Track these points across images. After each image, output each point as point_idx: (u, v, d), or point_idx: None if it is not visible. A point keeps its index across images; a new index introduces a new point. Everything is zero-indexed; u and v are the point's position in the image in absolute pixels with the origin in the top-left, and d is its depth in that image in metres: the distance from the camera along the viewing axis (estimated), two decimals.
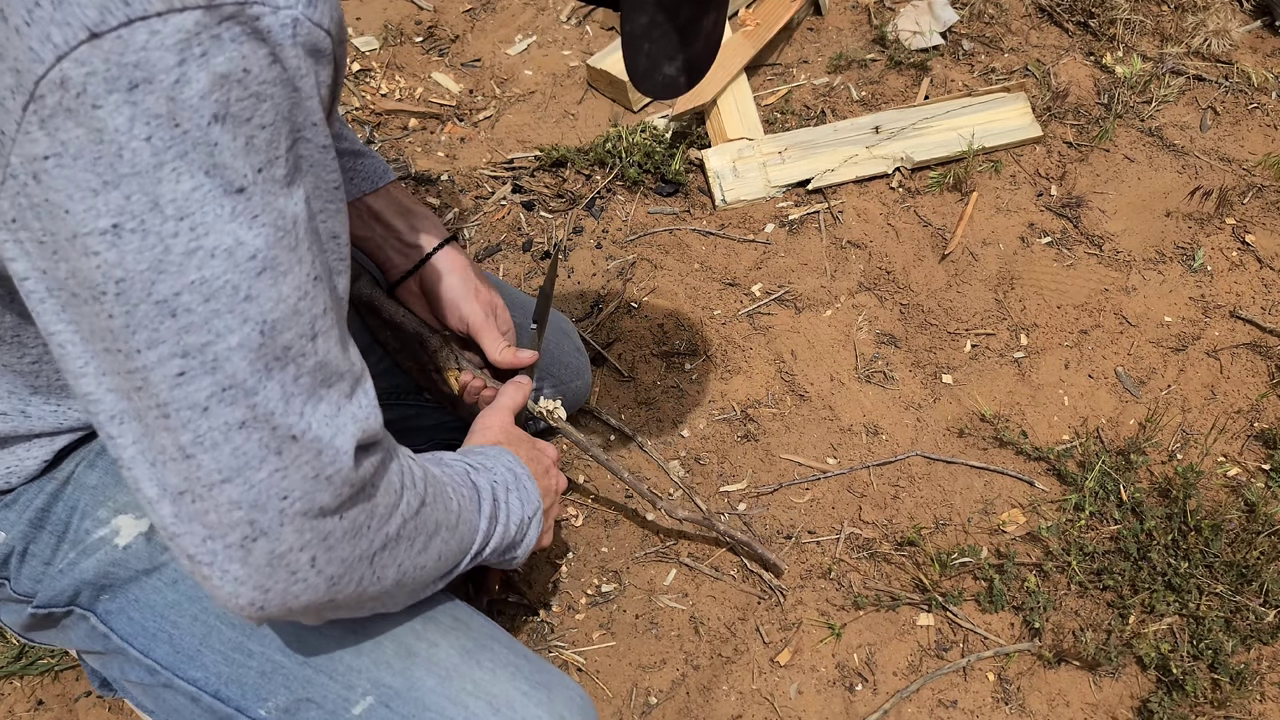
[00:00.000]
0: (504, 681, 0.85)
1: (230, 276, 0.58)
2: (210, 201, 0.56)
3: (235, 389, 0.59)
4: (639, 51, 0.81)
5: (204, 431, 0.60)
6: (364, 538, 0.68)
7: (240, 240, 0.57)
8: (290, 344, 0.61)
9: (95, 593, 0.85)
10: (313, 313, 0.62)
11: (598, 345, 1.59)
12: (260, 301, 0.59)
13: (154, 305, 0.57)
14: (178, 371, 0.58)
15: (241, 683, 0.82)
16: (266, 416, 0.61)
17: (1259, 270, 1.64)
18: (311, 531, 0.64)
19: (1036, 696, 1.27)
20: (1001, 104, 1.83)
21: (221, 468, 0.60)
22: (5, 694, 1.33)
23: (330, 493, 0.64)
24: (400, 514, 0.72)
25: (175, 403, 0.59)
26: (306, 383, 0.62)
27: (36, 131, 0.53)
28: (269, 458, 0.61)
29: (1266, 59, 1.94)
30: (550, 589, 1.37)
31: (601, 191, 1.79)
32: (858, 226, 1.72)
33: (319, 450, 0.63)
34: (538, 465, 0.98)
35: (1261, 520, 1.34)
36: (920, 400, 1.53)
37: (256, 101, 0.56)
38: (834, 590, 1.36)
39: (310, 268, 0.62)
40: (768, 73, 1.97)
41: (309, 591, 0.66)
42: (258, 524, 0.62)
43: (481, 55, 2.03)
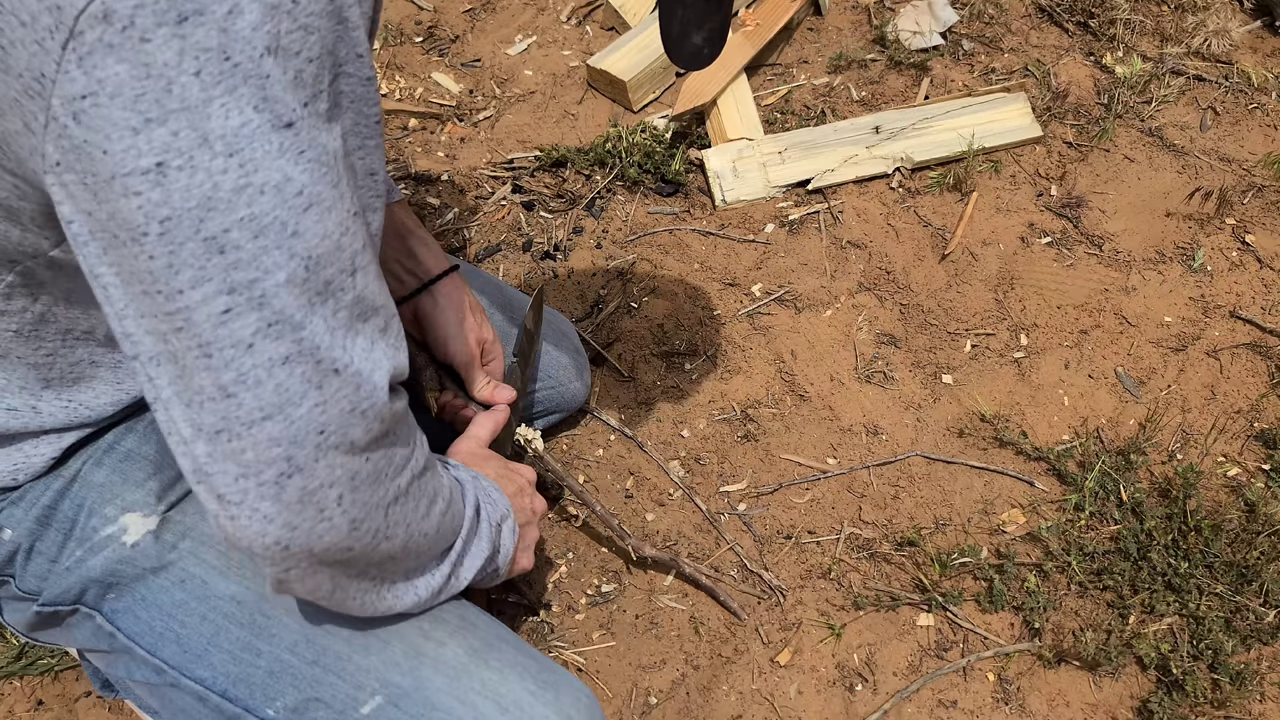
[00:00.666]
0: (512, 681, 0.85)
1: (279, 213, 0.57)
2: (259, 137, 0.55)
3: (281, 324, 0.59)
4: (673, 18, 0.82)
5: (248, 369, 0.59)
6: (382, 485, 0.69)
7: (289, 176, 0.57)
8: (332, 279, 0.61)
9: (102, 591, 0.85)
10: (353, 248, 0.63)
11: (598, 345, 1.59)
12: (307, 237, 0.59)
13: (201, 243, 0.56)
14: (224, 309, 0.58)
15: (249, 682, 0.82)
16: (312, 350, 0.61)
17: (1259, 270, 1.64)
18: (342, 468, 0.65)
19: (1036, 696, 1.27)
20: (1001, 104, 1.83)
21: (263, 405, 0.60)
22: (5, 694, 1.33)
23: (363, 427, 0.65)
24: (410, 470, 0.73)
25: (219, 341, 0.58)
26: (345, 317, 0.63)
27: (75, 70, 0.52)
28: (310, 392, 0.61)
29: (1266, 59, 1.94)
30: (550, 589, 1.37)
31: (601, 191, 1.79)
32: (858, 226, 1.72)
33: (358, 384, 0.64)
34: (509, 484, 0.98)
35: (1261, 520, 1.34)
36: (920, 400, 1.53)
37: (305, 34, 0.55)
38: (834, 590, 1.36)
39: (350, 203, 0.62)
40: (768, 73, 1.98)
41: (332, 532, 0.66)
42: (294, 460, 0.62)
43: (481, 55, 2.03)
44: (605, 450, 1.49)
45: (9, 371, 0.77)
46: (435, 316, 1.08)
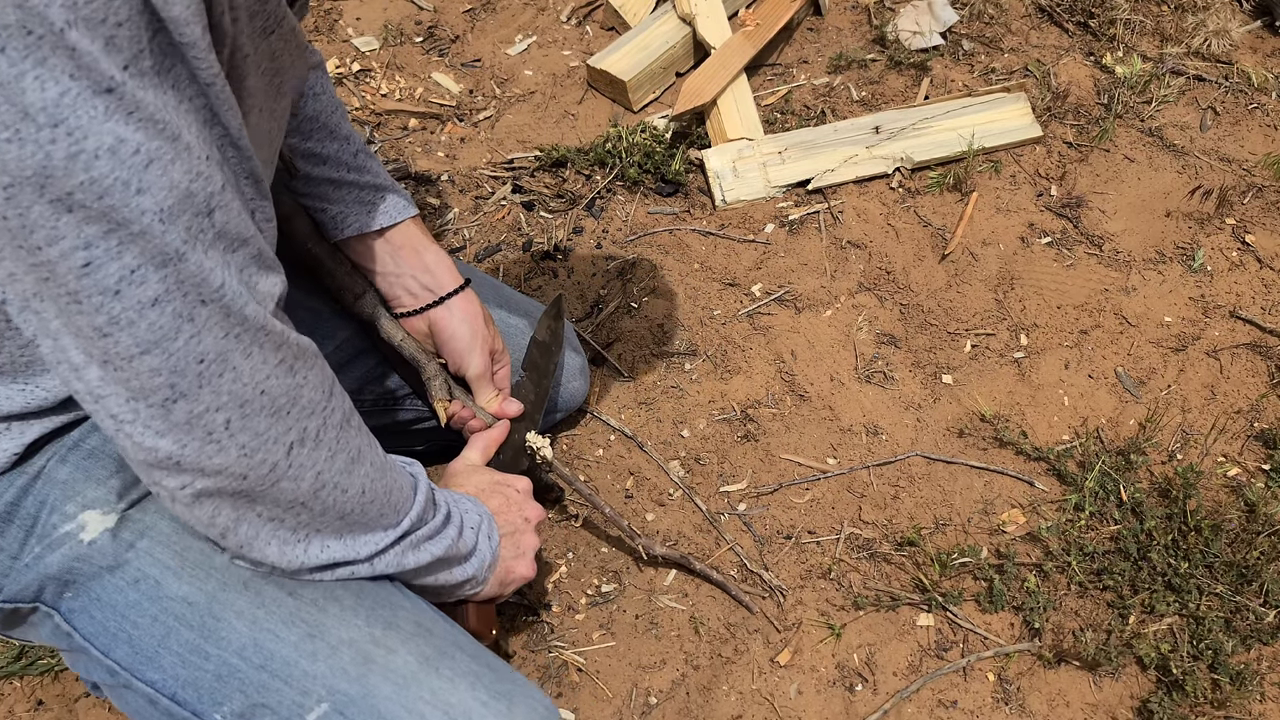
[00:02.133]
0: (463, 690, 0.84)
1: (119, 173, 0.59)
2: (82, 104, 0.56)
3: (143, 268, 0.62)
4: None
5: (117, 312, 0.62)
6: (282, 420, 0.72)
7: (121, 138, 0.58)
8: (190, 224, 0.63)
9: (59, 589, 0.84)
10: (207, 191, 0.64)
11: (598, 345, 1.59)
12: (153, 192, 0.61)
13: (48, 205, 0.58)
14: (83, 263, 0.60)
15: (198, 686, 0.82)
16: (178, 285, 0.64)
17: (1259, 270, 1.64)
18: (229, 395, 0.68)
19: (1036, 696, 1.27)
20: (1001, 104, 1.83)
21: (139, 341, 0.64)
22: (5, 694, 1.33)
23: (241, 351, 0.68)
24: (322, 415, 0.75)
25: (85, 290, 0.61)
26: (213, 254, 0.65)
27: None
28: (183, 326, 0.65)
29: (1266, 59, 1.94)
30: (550, 589, 1.37)
31: (601, 191, 1.79)
32: (858, 226, 1.72)
33: (228, 311, 0.66)
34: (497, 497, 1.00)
35: (1261, 520, 1.34)
36: (920, 400, 1.53)
37: (107, 1, 0.56)
38: (834, 590, 1.36)
39: (200, 149, 0.64)
40: (768, 73, 1.97)
41: (221, 454, 0.69)
42: (177, 386, 0.66)
43: (481, 55, 2.03)
44: (605, 450, 1.49)
45: None
46: (450, 330, 1.11)
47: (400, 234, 1.10)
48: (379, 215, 1.08)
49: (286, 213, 1.08)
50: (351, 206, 1.08)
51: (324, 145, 1.06)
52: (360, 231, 1.08)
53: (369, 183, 1.09)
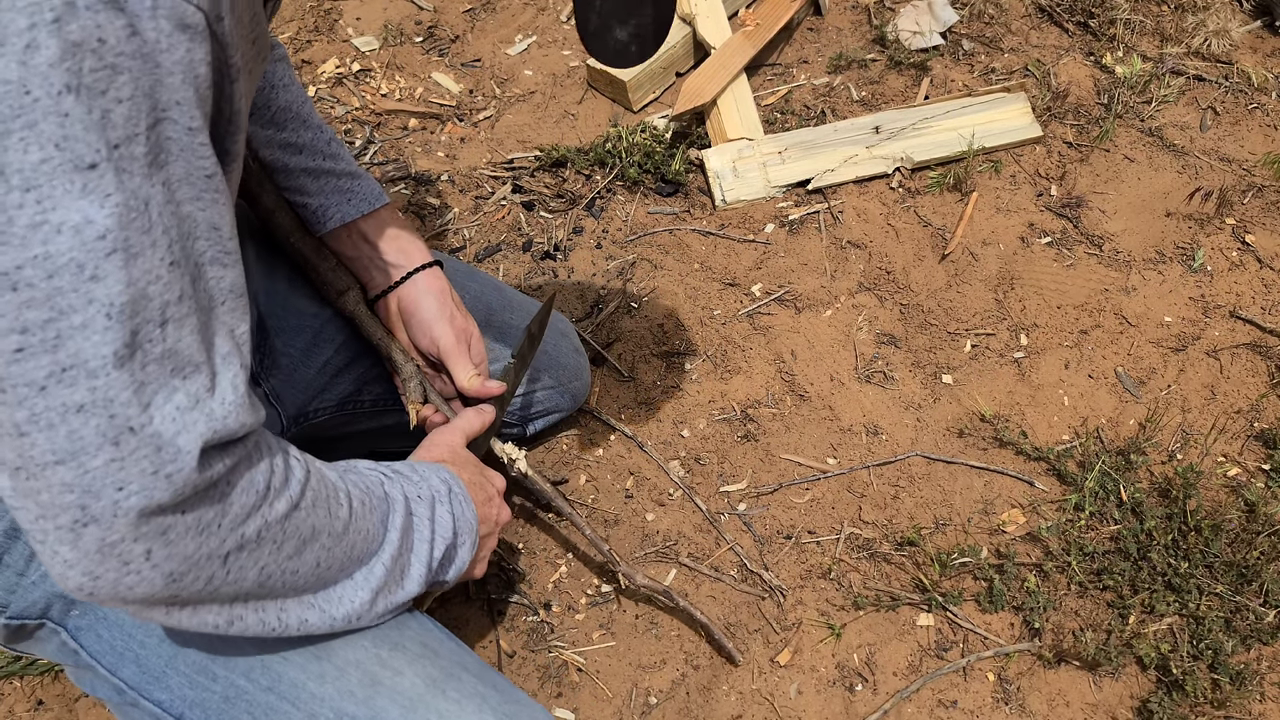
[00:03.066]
0: (469, 713, 0.83)
1: (76, 254, 0.56)
2: (59, 175, 0.54)
3: (75, 369, 0.57)
4: (589, 8, 0.77)
5: (40, 410, 0.58)
6: (213, 536, 0.66)
7: (89, 218, 0.55)
8: (138, 329, 0.59)
9: (66, 606, 0.84)
10: (164, 299, 0.60)
11: (598, 345, 1.59)
12: (108, 283, 0.57)
13: None
14: (16, 347, 0.56)
15: (205, 707, 0.81)
16: (105, 403, 0.59)
17: (1259, 270, 1.64)
18: (148, 526, 0.62)
19: (1036, 696, 1.27)
20: (1001, 104, 1.83)
21: (55, 449, 0.58)
22: (5, 694, 1.33)
23: (170, 491, 0.62)
24: (261, 516, 0.69)
25: (12, 378, 0.57)
26: (155, 371, 0.60)
27: None
28: (105, 446, 0.59)
29: (1266, 59, 1.94)
30: (550, 589, 1.37)
31: (601, 191, 1.79)
32: (858, 226, 1.72)
33: (158, 447, 0.61)
34: (480, 492, 0.97)
35: (1261, 520, 1.34)
36: (920, 400, 1.53)
37: (112, 74, 0.54)
38: (834, 590, 1.36)
39: (166, 253, 0.60)
40: (768, 73, 1.98)
41: (144, 584, 0.63)
42: (89, 510, 0.60)
43: (481, 55, 2.03)
44: (605, 450, 1.49)
45: None
46: (417, 302, 1.08)
47: (377, 220, 1.10)
48: (357, 202, 1.08)
49: (270, 206, 1.08)
50: (331, 197, 1.08)
51: (299, 134, 1.06)
52: (343, 222, 1.08)
53: (344, 170, 1.08)
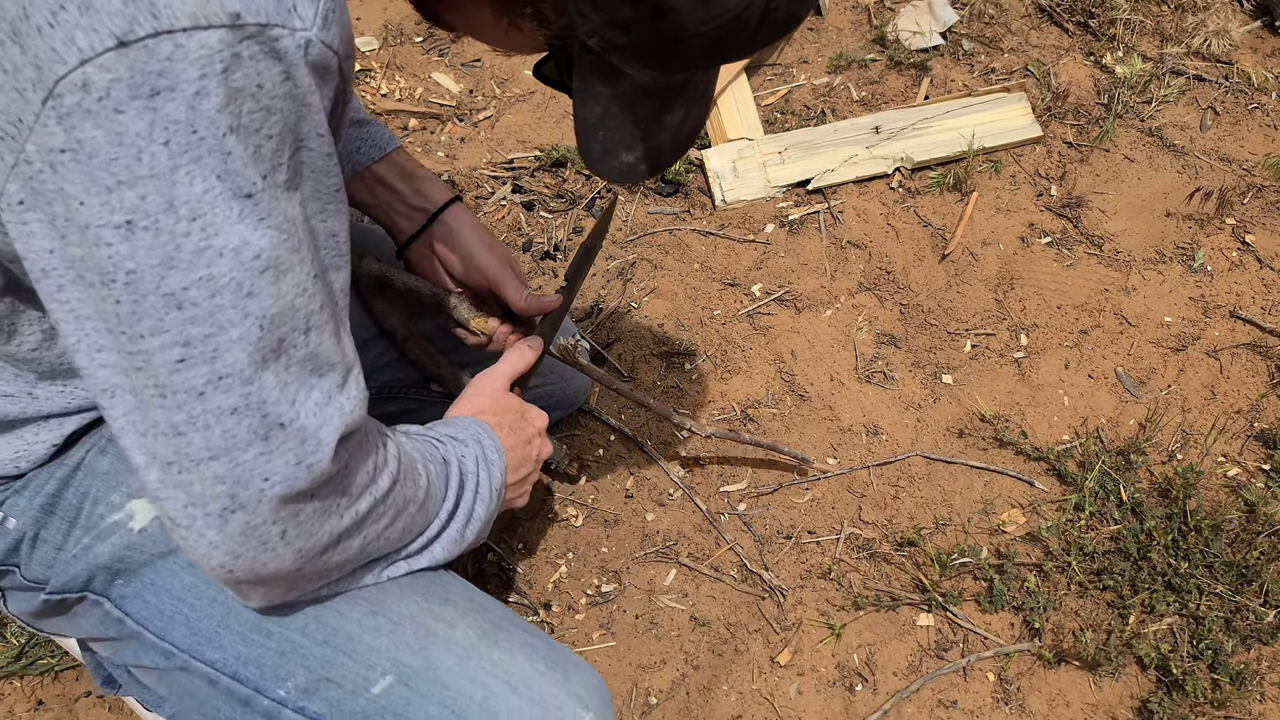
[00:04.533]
0: (521, 661, 0.86)
1: (235, 274, 0.61)
2: (220, 204, 0.59)
3: (231, 378, 0.63)
4: (593, 138, 0.80)
5: (197, 414, 0.64)
6: (334, 516, 0.72)
7: (246, 241, 0.61)
8: (285, 337, 0.65)
9: (110, 577, 0.85)
10: (309, 308, 0.66)
11: (598, 345, 1.59)
12: (261, 298, 0.63)
13: (161, 297, 0.60)
14: (178, 359, 0.62)
15: (260, 663, 0.83)
16: (258, 405, 0.65)
17: (1259, 270, 1.64)
18: (286, 510, 0.68)
19: (1036, 696, 1.27)
20: (1001, 104, 1.83)
21: (210, 446, 0.65)
22: (5, 694, 1.33)
23: (309, 479, 0.68)
24: (370, 495, 0.75)
25: (173, 386, 0.63)
26: (297, 373, 0.67)
27: (54, 126, 0.56)
28: (255, 442, 0.65)
29: (1266, 59, 1.94)
30: (550, 589, 1.37)
31: (601, 191, 1.79)
32: (858, 226, 1.72)
33: (303, 439, 0.67)
34: (519, 434, 0.99)
35: (1261, 520, 1.34)
36: (920, 400, 1.53)
37: (267, 114, 0.60)
38: (834, 590, 1.36)
39: (309, 266, 0.66)
40: (768, 73, 1.97)
41: (276, 561, 0.70)
42: (237, 498, 0.66)
43: (481, 55, 2.03)
44: (605, 450, 1.49)
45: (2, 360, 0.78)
46: (456, 237, 1.09)
47: (391, 163, 1.10)
48: (368, 149, 1.08)
49: None
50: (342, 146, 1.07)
51: None
52: (355, 170, 1.08)
53: (352, 119, 1.08)
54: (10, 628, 1.37)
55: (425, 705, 0.82)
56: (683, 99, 0.79)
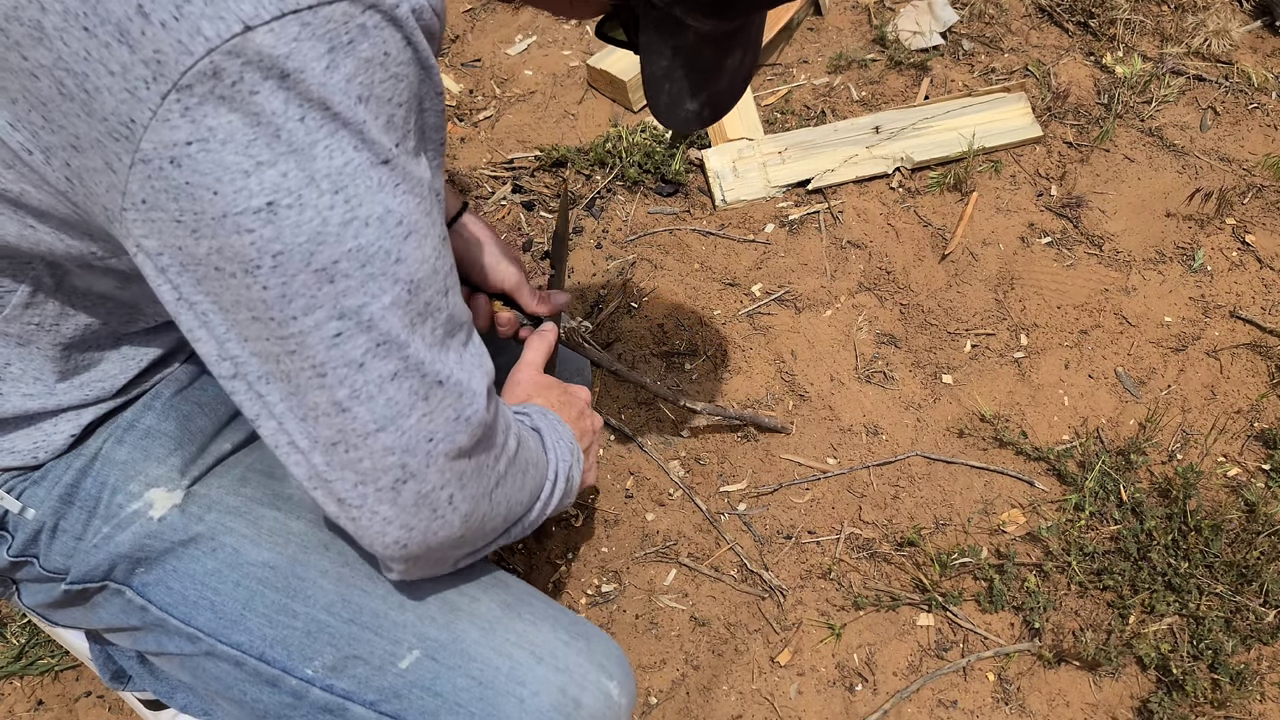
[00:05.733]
0: (545, 632, 0.87)
1: (383, 242, 0.62)
2: (361, 174, 0.60)
3: (389, 344, 0.64)
4: (660, 91, 0.84)
5: (360, 386, 0.64)
6: (486, 475, 0.74)
7: (389, 208, 0.62)
8: (430, 299, 0.66)
9: (131, 566, 0.85)
10: (445, 269, 0.67)
11: (598, 345, 1.59)
12: (408, 263, 0.64)
13: (313, 274, 0.61)
14: (335, 333, 0.62)
15: (286, 644, 0.84)
16: (417, 366, 0.66)
17: (1259, 270, 1.64)
18: (450, 470, 0.69)
19: (1036, 696, 1.27)
20: (1001, 104, 1.83)
21: (376, 417, 0.65)
22: (5, 694, 1.33)
23: (468, 433, 0.69)
24: (506, 453, 0.77)
25: (332, 361, 0.63)
26: (441, 333, 0.68)
27: (178, 119, 0.56)
28: (417, 404, 0.66)
29: (1266, 59, 1.94)
30: (550, 589, 1.37)
31: (601, 191, 1.79)
32: (858, 226, 1.72)
33: (459, 393, 0.68)
34: (570, 410, 1.01)
35: (1261, 520, 1.34)
36: (920, 400, 1.53)
37: (396, 82, 0.60)
38: (834, 590, 1.36)
39: (440, 228, 0.67)
40: (768, 73, 1.97)
41: (445, 528, 0.71)
42: (408, 467, 0.67)
43: (481, 55, 2.03)
44: (605, 450, 1.49)
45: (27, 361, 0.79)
46: (472, 248, 1.10)
47: None
48: None
49: None
50: None
51: None
52: None
53: None
54: (10, 627, 1.37)
55: (453, 677, 0.83)
56: (738, 44, 0.84)
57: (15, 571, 0.88)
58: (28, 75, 0.57)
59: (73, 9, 0.55)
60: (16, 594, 0.91)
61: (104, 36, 0.55)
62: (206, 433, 0.89)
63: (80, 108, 0.57)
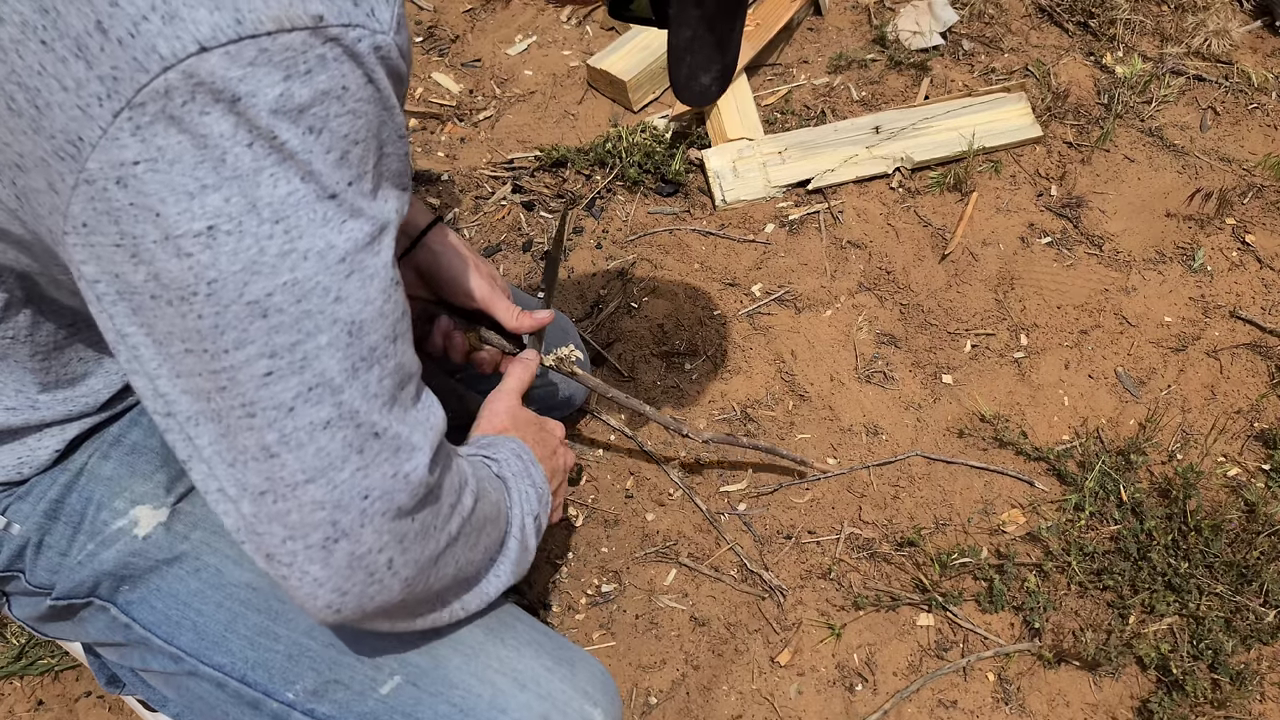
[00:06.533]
0: (528, 658, 0.86)
1: (321, 278, 0.59)
2: (304, 206, 0.58)
3: (322, 388, 0.61)
4: (681, 63, 0.85)
5: (289, 431, 0.61)
6: (431, 539, 0.70)
7: (331, 244, 0.59)
8: (375, 345, 0.63)
9: (115, 584, 0.85)
10: (394, 315, 0.64)
11: (598, 345, 1.59)
12: (349, 303, 0.61)
13: (245, 306, 0.58)
14: (265, 371, 0.59)
15: (268, 666, 0.83)
16: (351, 414, 0.62)
17: (1259, 270, 1.64)
18: (389, 533, 0.65)
19: (1036, 696, 1.27)
20: (1001, 104, 1.83)
21: (305, 467, 0.62)
22: (5, 694, 1.33)
23: (408, 492, 0.65)
24: (459, 514, 0.73)
25: (261, 402, 0.60)
26: (389, 384, 0.64)
27: (128, 138, 0.54)
28: (351, 456, 0.63)
29: (1266, 59, 1.94)
30: (550, 589, 1.37)
31: (601, 191, 1.79)
32: (858, 226, 1.72)
33: (398, 447, 0.65)
34: (544, 447, 0.99)
35: (1261, 520, 1.34)
36: (920, 400, 1.53)
37: (353, 118, 0.59)
38: (834, 590, 1.36)
39: (392, 272, 0.64)
40: (768, 73, 1.98)
41: (384, 593, 0.67)
42: (339, 524, 0.63)
43: (481, 55, 2.03)
44: (605, 450, 1.49)
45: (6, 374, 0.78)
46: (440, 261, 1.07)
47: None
48: None
49: None
50: None
51: None
52: None
53: None
54: (10, 628, 1.37)
55: (434, 704, 0.82)
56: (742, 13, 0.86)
57: (4, 585, 0.88)
58: None
59: (31, 21, 0.53)
60: (8, 605, 0.91)
61: (61, 51, 0.53)
62: None
63: (28, 124, 0.55)
